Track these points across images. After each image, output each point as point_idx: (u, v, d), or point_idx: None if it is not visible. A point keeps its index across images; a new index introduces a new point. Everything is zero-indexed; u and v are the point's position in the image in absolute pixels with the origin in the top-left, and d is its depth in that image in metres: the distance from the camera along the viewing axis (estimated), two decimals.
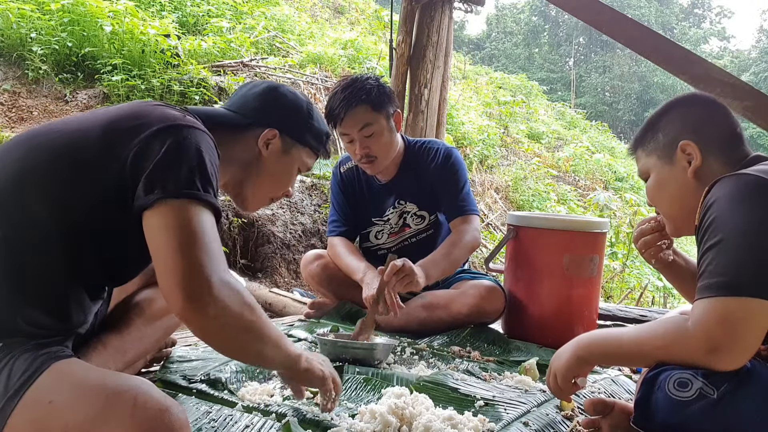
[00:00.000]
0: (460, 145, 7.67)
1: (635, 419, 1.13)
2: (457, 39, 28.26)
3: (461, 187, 2.29)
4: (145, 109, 1.12)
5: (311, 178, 4.57)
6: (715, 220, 1.09)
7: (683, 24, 34.79)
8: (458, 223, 2.26)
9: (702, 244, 1.12)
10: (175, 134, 1.06)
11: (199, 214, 1.01)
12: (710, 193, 1.14)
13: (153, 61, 4.92)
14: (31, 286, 1.04)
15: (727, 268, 1.05)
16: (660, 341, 1.12)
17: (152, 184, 1.01)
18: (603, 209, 6.20)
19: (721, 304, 1.03)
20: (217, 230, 1.08)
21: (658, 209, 1.40)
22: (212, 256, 0.99)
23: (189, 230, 0.99)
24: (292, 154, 1.40)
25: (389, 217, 2.37)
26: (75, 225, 1.05)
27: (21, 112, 4.31)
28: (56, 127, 1.13)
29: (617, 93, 30.17)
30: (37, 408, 0.94)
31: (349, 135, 2.16)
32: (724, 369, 1.03)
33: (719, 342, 1.02)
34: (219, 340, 1.03)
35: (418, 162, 2.33)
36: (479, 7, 4.01)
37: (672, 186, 1.31)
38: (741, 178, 1.11)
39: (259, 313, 1.04)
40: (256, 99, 1.38)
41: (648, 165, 1.36)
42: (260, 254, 3.85)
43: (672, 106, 1.36)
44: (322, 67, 6.48)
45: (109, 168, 1.04)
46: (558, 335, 2.14)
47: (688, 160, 1.26)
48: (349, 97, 2.11)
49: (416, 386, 1.54)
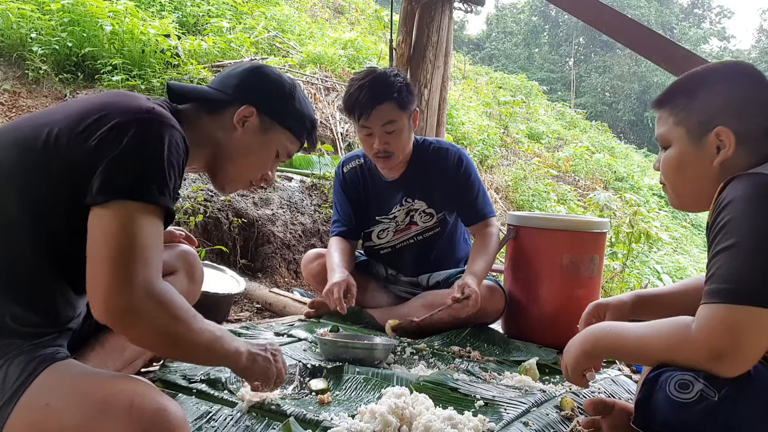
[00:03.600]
0: (460, 145, 7.66)
1: (635, 419, 1.12)
2: (457, 39, 28.26)
3: (477, 192, 2.33)
4: (112, 99, 1.09)
5: (311, 178, 4.56)
6: (729, 222, 1.06)
7: (683, 24, 34.77)
8: (481, 228, 2.32)
9: (713, 246, 1.08)
10: (136, 129, 1.03)
11: (142, 218, 1.00)
12: (725, 192, 1.10)
13: (153, 61, 4.92)
14: (16, 284, 1.03)
15: (736, 274, 1.02)
16: (663, 343, 1.10)
17: (103, 181, 0.99)
18: (603, 209, 6.19)
19: (728, 311, 1.01)
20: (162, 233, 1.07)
21: (667, 182, 1.31)
22: (144, 265, 0.97)
23: (127, 238, 0.97)
24: (270, 135, 1.35)
25: (396, 214, 2.37)
26: (49, 221, 1.04)
27: (21, 112, 4.30)
28: (26, 122, 1.11)
29: (617, 93, 30.15)
30: (34, 411, 0.94)
31: (370, 129, 2.15)
32: (726, 376, 1.01)
33: (723, 350, 1.00)
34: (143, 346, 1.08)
35: (428, 161, 2.33)
36: (479, 7, 4.01)
37: (693, 170, 1.22)
38: (758, 179, 1.06)
39: (187, 322, 1.03)
40: (237, 77, 1.34)
41: (672, 135, 1.25)
42: (260, 254, 3.85)
43: (717, 76, 1.23)
44: (322, 67, 6.47)
45: (79, 163, 1.02)
46: (558, 335, 2.13)
47: (718, 147, 1.18)
48: (378, 93, 2.10)
49: (416, 386, 1.54)
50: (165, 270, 1.50)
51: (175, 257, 1.58)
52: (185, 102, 1.30)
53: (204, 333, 1.06)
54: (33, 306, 1.04)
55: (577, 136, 13.14)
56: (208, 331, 1.07)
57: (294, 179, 4.52)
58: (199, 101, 1.31)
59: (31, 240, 1.04)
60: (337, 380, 1.60)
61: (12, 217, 1.03)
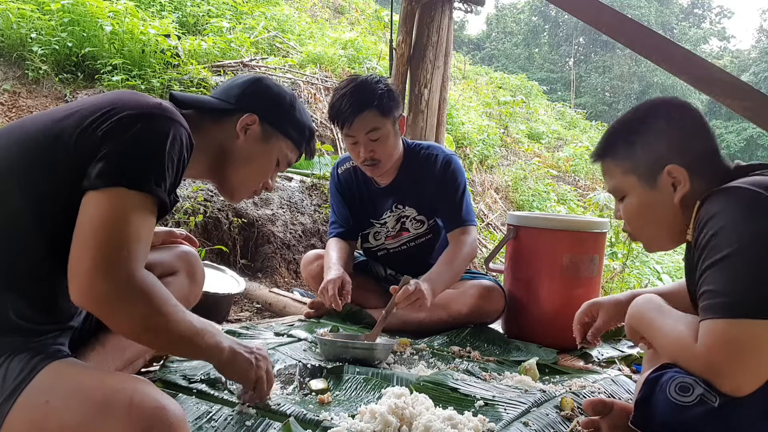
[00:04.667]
0: (460, 145, 7.66)
1: (634, 419, 1.12)
2: (457, 39, 28.26)
3: (460, 197, 2.27)
4: (121, 97, 1.11)
5: (311, 178, 4.56)
6: (714, 236, 1.05)
7: (683, 24, 34.77)
8: (457, 234, 2.25)
9: (701, 263, 1.07)
10: (142, 121, 1.05)
11: (135, 207, 1.01)
12: (703, 209, 1.10)
13: (153, 61, 4.92)
14: (18, 282, 1.04)
15: (730, 287, 1.01)
16: (674, 345, 1.10)
17: (102, 168, 1.00)
18: (603, 209, 6.19)
19: (724, 326, 0.99)
20: (151, 225, 1.07)
21: (634, 231, 1.31)
22: (130, 252, 0.98)
23: (115, 225, 0.98)
24: (272, 143, 1.39)
25: (386, 220, 2.37)
26: (51, 219, 1.05)
27: (21, 112, 4.30)
28: (30, 121, 1.12)
29: (617, 93, 30.16)
30: (34, 408, 0.94)
31: (355, 137, 2.15)
32: (732, 394, 0.98)
33: (722, 367, 0.99)
34: (125, 335, 1.05)
35: (418, 167, 2.31)
36: (479, 7, 4.01)
37: (656, 212, 1.23)
38: (736, 193, 1.07)
39: (167, 312, 1.03)
40: (240, 87, 1.38)
41: (624, 185, 1.26)
42: (260, 254, 3.85)
43: (650, 118, 1.24)
44: (322, 67, 6.47)
45: (81, 157, 1.03)
46: (558, 335, 2.14)
47: (674, 184, 1.19)
48: (359, 101, 2.09)
49: (416, 386, 1.54)
50: (165, 270, 1.50)
51: (176, 258, 1.58)
52: (186, 109, 1.31)
53: (184, 324, 1.07)
54: (35, 303, 1.05)
55: (577, 136, 13.14)
56: (188, 323, 1.08)
57: (294, 179, 4.52)
58: (201, 108, 1.32)
59: (34, 238, 1.04)
60: (337, 380, 1.60)
61: (15, 214, 1.04)
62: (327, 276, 2.10)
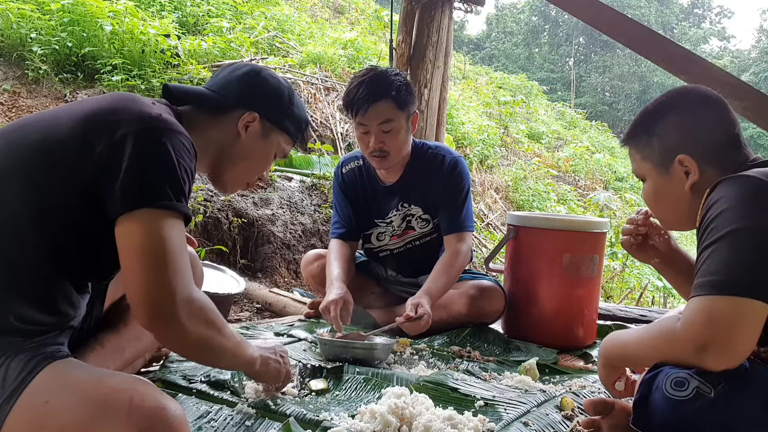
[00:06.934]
0: (460, 145, 7.67)
1: (634, 420, 1.13)
2: (457, 39, 28.25)
3: (462, 201, 2.26)
4: (122, 104, 1.11)
5: (311, 178, 4.57)
6: (714, 220, 1.09)
7: (683, 24, 34.77)
8: (453, 240, 2.23)
9: (701, 243, 1.12)
10: (150, 137, 1.06)
11: (168, 226, 1.04)
12: (713, 194, 1.14)
13: (153, 61, 4.92)
14: (18, 282, 1.04)
15: (720, 267, 1.04)
16: (654, 342, 1.14)
17: (125, 191, 1.02)
18: (603, 209, 6.21)
19: (710, 302, 1.03)
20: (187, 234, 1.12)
21: (652, 212, 1.41)
22: (178, 272, 1.02)
23: (157, 246, 1.02)
24: (271, 138, 1.39)
25: (392, 219, 2.35)
26: (54, 222, 1.05)
27: (21, 112, 4.30)
28: (31, 122, 1.12)
29: (617, 93, 30.16)
30: (34, 408, 0.94)
31: (367, 126, 2.12)
32: (715, 369, 1.02)
33: (705, 341, 1.02)
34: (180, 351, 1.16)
35: (425, 165, 2.29)
36: (479, 7, 4.01)
37: (669, 197, 1.30)
38: (743, 180, 1.11)
39: (219, 327, 1.10)
40: (238, 81, 1.36)
41: (643, 170, 1.33)
42: (260, 254, 3.85)
43: (667, 108, 1.29)
44: (322, 67, 6.47)
45: (85, 166, 1.04)
46: (558, 335, 2.14)
47: (686, 173, 1.24)
48: (376, 90, 2.08)
49: (416, 386, 1.54)
50: None
51: None
52: (183, 104, 1.30)
53: (232, 339, 1.15)
54: (35, 304, 1.05)
55: (577, 136, 13.15)
56: (234, 337, 1.16)
57: (294, 179, 4.52)
58: (199, 103, 1.32)
59: (34, 238, 1.04)
60: (337, 380, 1.60)
61: (15, 215, 1.04)
62: (329, 295, 2.05)
